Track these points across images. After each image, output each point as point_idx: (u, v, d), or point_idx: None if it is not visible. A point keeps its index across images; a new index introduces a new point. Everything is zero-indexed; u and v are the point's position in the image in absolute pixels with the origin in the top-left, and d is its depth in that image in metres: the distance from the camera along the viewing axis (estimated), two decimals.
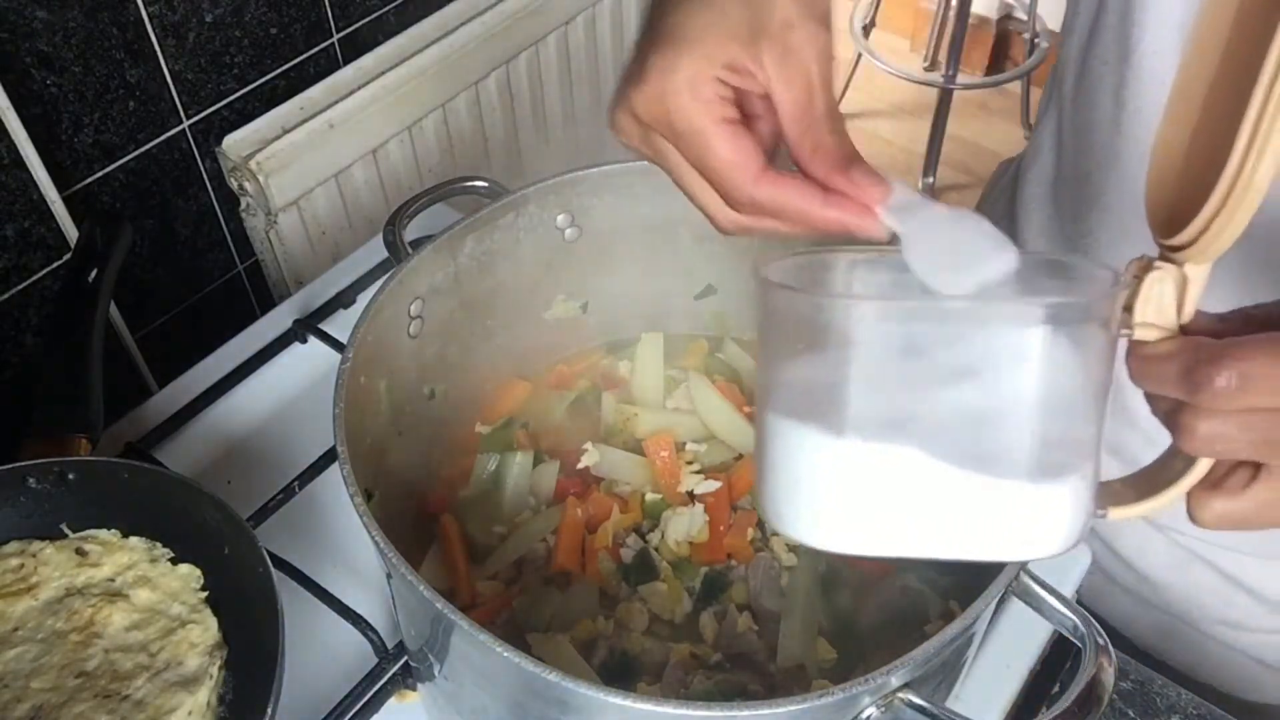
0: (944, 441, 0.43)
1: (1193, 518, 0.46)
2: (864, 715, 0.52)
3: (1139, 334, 0.44)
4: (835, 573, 0.74)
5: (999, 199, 0.95)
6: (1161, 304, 0.44)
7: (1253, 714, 0.88)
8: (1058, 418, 0.44)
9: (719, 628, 0.71)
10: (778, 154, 0.53)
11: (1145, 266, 0.44)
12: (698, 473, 0.78)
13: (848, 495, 0.45)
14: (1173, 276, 0.43)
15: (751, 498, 0.77)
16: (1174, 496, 0.45)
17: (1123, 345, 0.45)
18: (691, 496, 0.77)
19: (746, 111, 0.51)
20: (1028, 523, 0.45)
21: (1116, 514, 0.47)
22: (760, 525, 0.76)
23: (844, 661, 0.69)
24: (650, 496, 0.77)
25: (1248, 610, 0.81)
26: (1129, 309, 0.44)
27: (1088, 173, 0.76)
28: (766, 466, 0.48)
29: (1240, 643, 0.83)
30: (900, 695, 0.52)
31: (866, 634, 0.71)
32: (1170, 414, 0.43)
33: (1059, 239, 0.82)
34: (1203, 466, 0.44)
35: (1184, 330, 0.44)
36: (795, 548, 0.74)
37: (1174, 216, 0.44)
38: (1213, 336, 0.43)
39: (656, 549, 0.74)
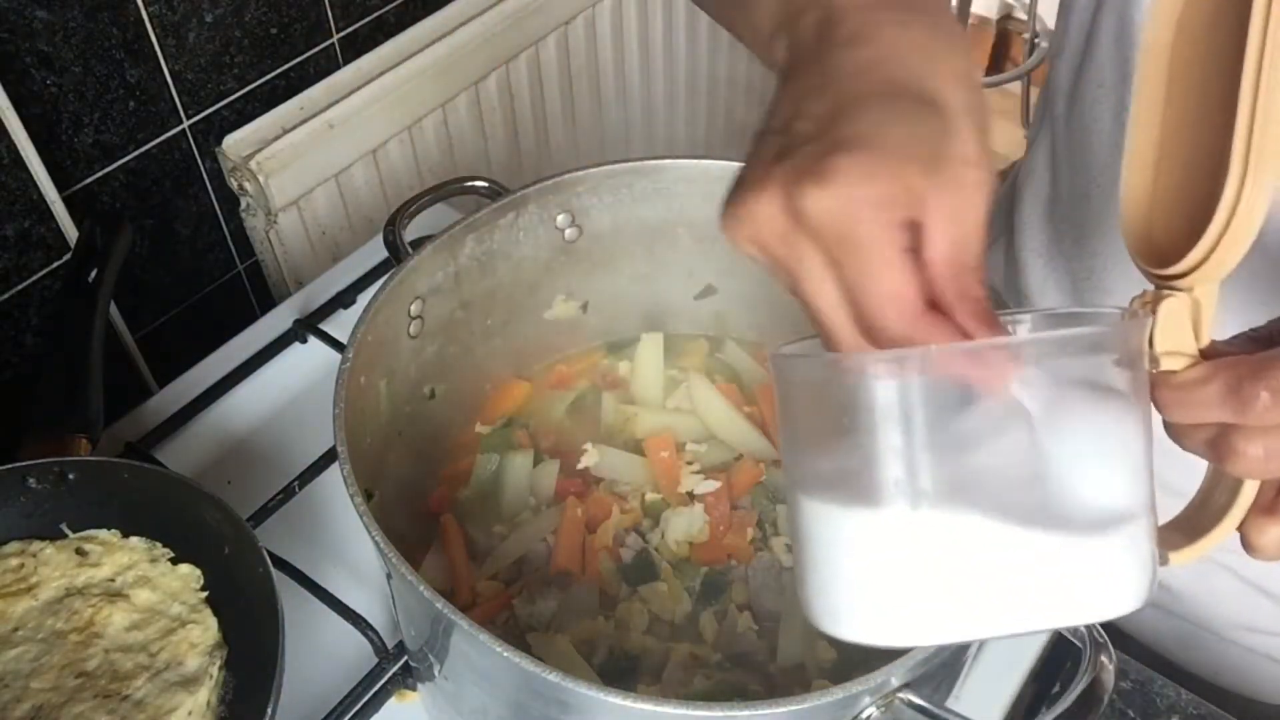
0: (987, 502, 0.40)
1: (1251, 547, 0.43)
2: (864, 715, 0.52)
3: (1165, 364, 0.42)
4: None
5: (993, 217, 0.95)
6: (1180, 331, 0.42)
7: (1259, 714, 0.88)
8: (1106, 464, 0.42)
9: (719, 628, 0.71)
10: None
11: (1156, 297, 0.43)
12: (698, 473, 0.78)
13: (901, 575, 0.42)
14: (1185, 303, 0.42)
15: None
16: (1227, 529, 0.44)
17: None
18: (691, 496, 0.77)
19: None
20: (1093, 581, 0.42)
21: (1176, 559, 0.45)
22: (760, 525, 0.76)
23: (844, 661, 0.69)
24: (650, 496, 0.77)
25: (1271, 615, 0.80)
26: (1150, 343, 0.42)
27: (1086, 194, 0.75)
28: (808, 561, 0.45)
29: (1263, 647, 0.83)
30: (900, 695, 0.52)
31: None
32: (1213, 442, 0.41)
33: (1058, 260, 0.81)
34: (1249, 492, 0.43)
35: (1203, 355, 0.42)
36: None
37: (1163, 246, 0.43)
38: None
39: (656, 549, 0.74)
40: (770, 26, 0.49)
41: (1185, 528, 0.46)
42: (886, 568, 0.42)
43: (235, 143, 1.22)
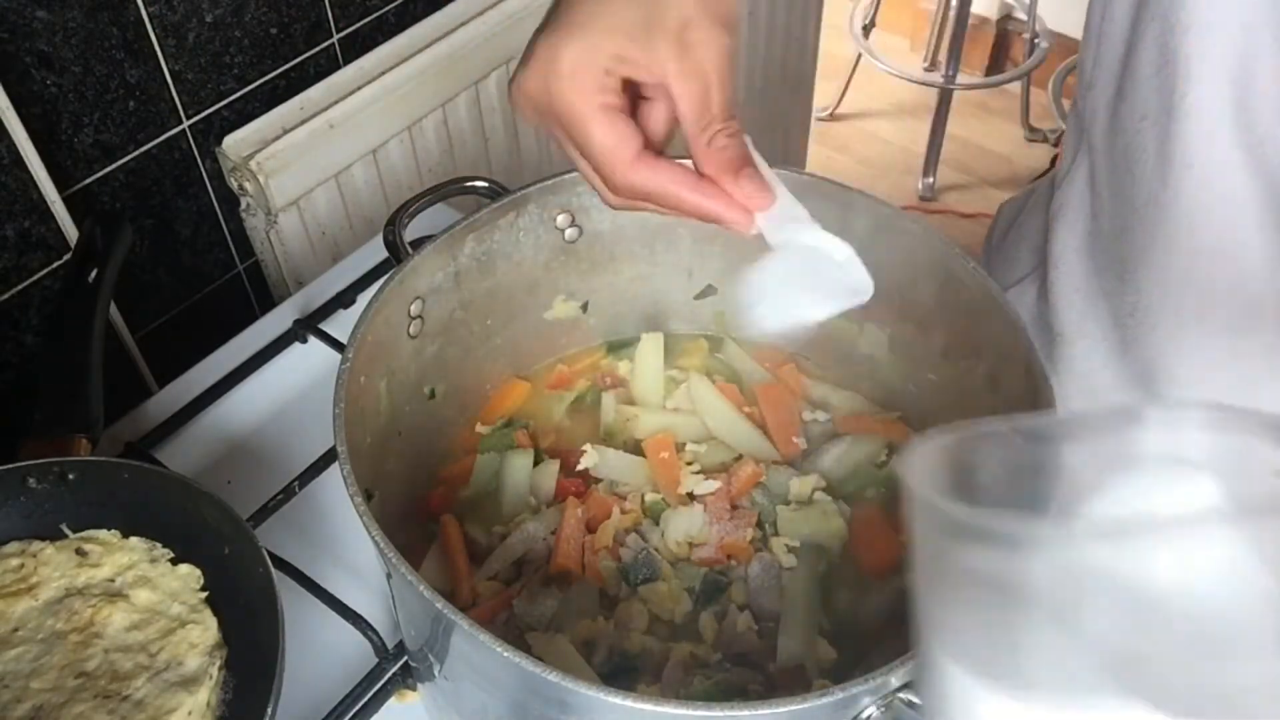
0: (1172, 694, 0.34)
1: None
2: (864, 715, 0.53)
3: None
4: (835, 573, 0.74)
5: (1017, 249, 0.92)
6: None
7: None
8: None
9: (719, 628, 0.71)
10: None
11: None
12: (698, 473, 0.78)
13: None
14: None
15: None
16: None
17: None
18: (691, 497, 0.77)
19: (643, 97, 0.55)
20: None
21: None
22: (760, 525, 0.76)
23: (844, 661, 0.69)
24: (650, 496, 0.77)
25: None
26: None
27: (1129, 227, 0.73)
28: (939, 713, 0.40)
29: None
30: (900, 695, 0.52)
31: (866, 634, 0.71)
32: None
33: (1099, 296, 0.79)
34: None
35: None
36: (795, 548, 0.74)
37: None
38: None
39: (656, 549, 0.74)
40: None
41: None
42: None
43: (235, 143, 1.22)
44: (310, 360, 0.94)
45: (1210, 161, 0.67)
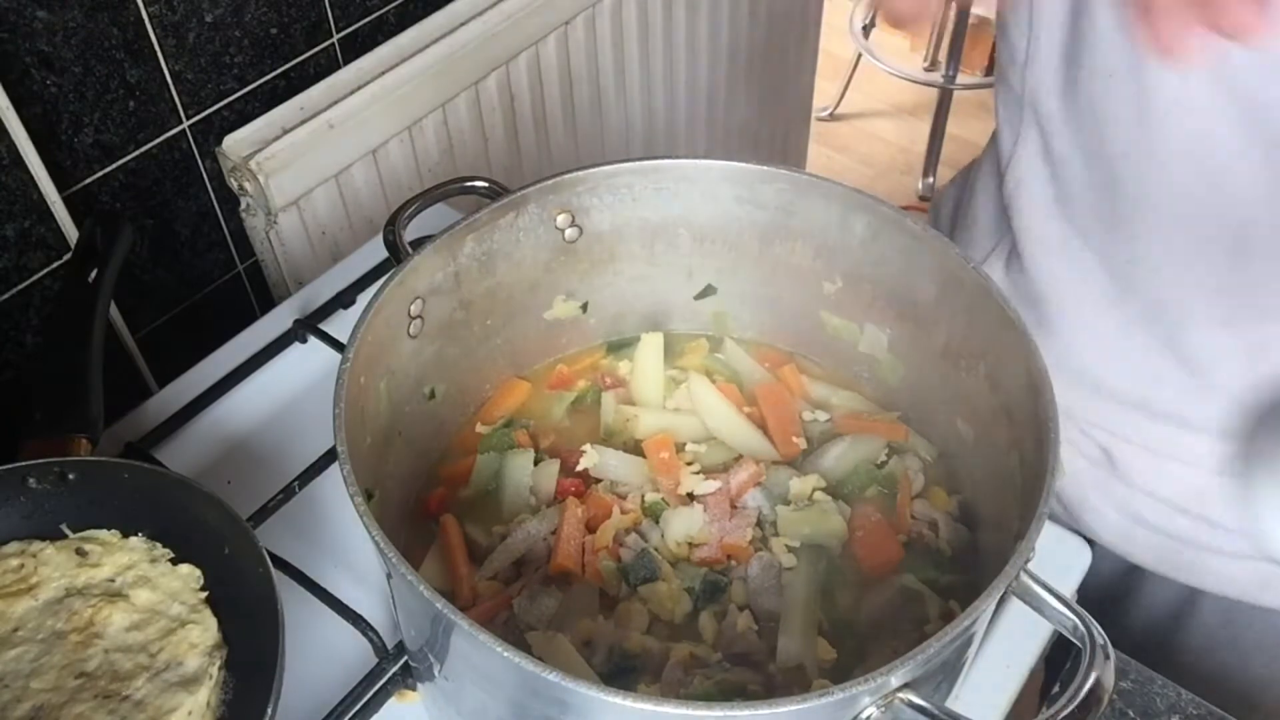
0: None
1: None
2: (864, 715, 0.53)
3: None
4: (835, 573, 0.74)
5: (970, 234, 0.93)
6: None
7: (1255, 714, 0.88)
8: None
9: (719, 628, 0.71)
10: None
11: None
12: (698, 473, 0.78)
13: None
14: None
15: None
16: None
17: None
18: (691, 497, 0.77)
19: None
20: None
21: None
22: (760, 525, 0.76)
23: (844, 661, 0.69)
24: (650, 496, 0.77)
25: None
26: None
27: (1111, 181, 0.75)
28: None
29: (1250, 549, 0.82)
30: (900, 695, 0.52)
31: (866, 634, 0.71)
32: None
33: (1087, 253, 0.81)
34: None
35: None
36: (795, 548, 0.74)
37: None
38: None
39: (656, 549, 0.74)
40: None
41: None
42: None
43: (235, 143, 1.22)
44: (310, 360, 0.94)
45: (1187, 101, 0.69)
